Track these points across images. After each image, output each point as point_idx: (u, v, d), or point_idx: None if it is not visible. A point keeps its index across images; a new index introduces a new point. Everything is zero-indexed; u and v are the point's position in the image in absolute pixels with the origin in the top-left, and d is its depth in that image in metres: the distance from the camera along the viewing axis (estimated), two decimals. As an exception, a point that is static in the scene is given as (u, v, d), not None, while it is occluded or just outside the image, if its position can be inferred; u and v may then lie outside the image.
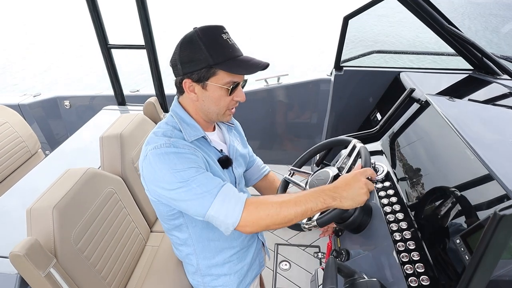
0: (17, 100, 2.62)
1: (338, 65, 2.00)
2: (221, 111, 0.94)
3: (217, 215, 0.84)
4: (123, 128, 1.51)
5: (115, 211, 1.35)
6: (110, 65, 2.10)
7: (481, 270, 0.54)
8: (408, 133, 1.32)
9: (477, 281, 0.55)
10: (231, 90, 0.90)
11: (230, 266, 1.13)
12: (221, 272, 1.13)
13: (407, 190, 1.15)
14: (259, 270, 1.26)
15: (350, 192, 0.84)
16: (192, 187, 0.84)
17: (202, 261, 1.12)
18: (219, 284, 1.15)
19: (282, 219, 0.83)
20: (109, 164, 1.47)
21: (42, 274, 0.97)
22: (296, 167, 1.25)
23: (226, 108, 0.94)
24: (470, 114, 1.23)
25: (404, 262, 0.94)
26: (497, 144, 1.03)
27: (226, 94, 0.90)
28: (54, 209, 1.07)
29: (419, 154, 1.22)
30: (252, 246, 1.19)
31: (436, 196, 1.04)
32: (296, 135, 2.56)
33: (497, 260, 0.53)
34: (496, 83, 1.57)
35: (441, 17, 1.59)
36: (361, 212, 1.13)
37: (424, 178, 1.12)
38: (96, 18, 1.92)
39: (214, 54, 0.84)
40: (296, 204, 0.83)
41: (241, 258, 1.15)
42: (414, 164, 1.20)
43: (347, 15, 1.80)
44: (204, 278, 1.15)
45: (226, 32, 0.88)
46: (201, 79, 0.88)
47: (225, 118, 0.98)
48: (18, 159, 2.09)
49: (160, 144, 0.88)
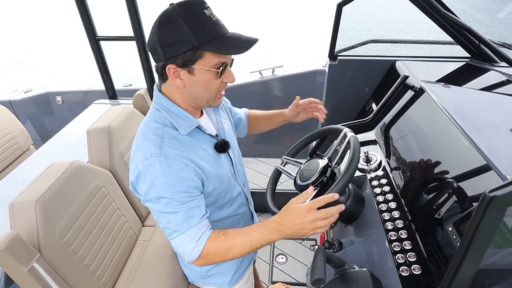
0: (7, 96, 2.58)
1: (332, 55, 1.96)
2: (212, 96, 0.87)
3: (177, 248, 0.87)
4: (111, 121, 1.48)
5: (103, 205, 1.32)
6: (100, 58, 2.06)
7: (471, 254, 0.51)
8: (402, 121, 1.29)
9: (467, 265, 0.52)
10: (220, 73, 0.83)
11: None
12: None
13: (400, 179, 1.12)
14: (253, 256, 1.26)
15: (293, 229, 0.80)
16: (168, 217, 0.83)
17: None
18: (216, 271, 1.13)
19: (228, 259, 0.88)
20: (97, 158, 1.44)
21: (25, 268, 0.95)
22: (289, 156, 1.22)
23: (216, 92, 0.87)
24: (465, 100, 1.20)
25: (395, 251, 0.92)
26: (493, 131, 0.99)
27: (216, 77, 0.83)
28: (37, 202, 1.05)
29: (413, 142, 1.18)
30: (245, 211, 1.15)
31: (430, 184, 1.01)
32: (292, 127, 2.52)
33: (487, 243, 0.50)
34: (493, 71, 1.53)
35: (437, 3, 1.55)
36: (353, 202, 1.10)
37: (417, 167, 1.09)
38: (83, 9, 1.88)
39: (198, 34, 0.76)
40: (241, 246, 0.84)
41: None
42: (407, 153, 1.17)
43: (341, 1, 1.75)
44: (202, 267, 1.12)
45: (208, 7, 0.79)
46: (186, 64, 0.79)
47: (215, 103, 0.91)
48: (9, 155, 2.06)
49: (150, 153, 0.81)
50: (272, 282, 1.91)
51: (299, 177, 1.07)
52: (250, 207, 1.17)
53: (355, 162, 0.92)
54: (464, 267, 0.52)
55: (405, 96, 1.33)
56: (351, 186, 1.12)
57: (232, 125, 1.14)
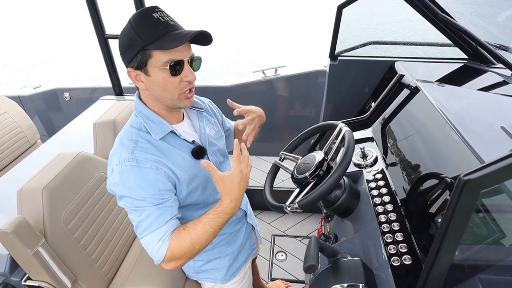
0: (17, 92, 2.65)
1: (333, 55, 2.00)
2: (174, 96, 0.87)
3: (146, 247, 0.88)
4: (116, 115, 1.53)
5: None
6: (108, 56, 2.12)
7: (450, 237, 0.54)
8: (398, 119, 1.32)
9: (447, 248, 0.55)
10: (174, 70, 0.83)
11: (220, 249, 1.14)
12: (212, 256, 1.14)
13: (395, 174, 1.15)
14: (250, 253, 1.26)
15: (238, 188, 0.85)
16: (140, 216, 0.86)
17: None
18: (209, 267, 1.16)
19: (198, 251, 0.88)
20: (102, 150, 1.49)
21: (30, 252, 0.99)
22: (286, 151, 1.26)
23: (177, 92, 0.87)
24: (459, 98, 1.23)
25: (388, 242, 0.94)
26: (484, 127, 1.02)
27: (169, 75, 0.83)
28: (44, 189, 1.09)
29: (408, 139, 1.21)
30: (241, 230, 1.20)
31: (423, 180, 1.04)
32: (294, 126, 2.56)
33: (464, 225, 0.53)
34: (490, 72, 1.56)
35: (434, 6, 1.58)
36: (349, 195, 1.13)
37: (412, 163, 1.12)
38: (92, 7, 1.94)
39: (143, 35, 0.80)
40: (204, 234, 0.86)
41: (231, 242, 1.16)
42: (402, 149, 1.20)
43: (341, 4, 1.79)
44: (195, 263, 1.16)
45: (158, 11, 0.82)
46: (140, 65, 0.83)
47: (182, 103, 0.90)
48: (17, 149, 2.12)
49: (123, 158, 0.86)
50: (272, 279, 1.93)
51: (296, 171, 1.10)
52: (241, 206, 1.17)
53: (349, 155, 0.95)
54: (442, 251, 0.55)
55: (401, 94, 1.36)
56: (347, 181, 1.15)
57: (222, 130, 1.16)
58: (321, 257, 0.90)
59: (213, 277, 1.17)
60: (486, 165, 0.50)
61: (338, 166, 0.94)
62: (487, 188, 0.51)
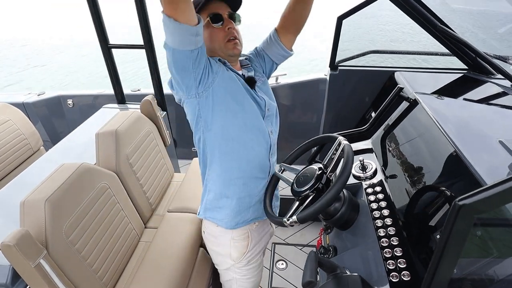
0: (21, 98, 2.69)
1: (333, 65, 2.01)
2: (221, 44, 1.04)
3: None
4: (119, 125, 1.54)
5: (108, 206, 1.38)
6: (111, 65, 2.15)
7: (445, 261, 0.54)
8: (397, 131, 1.33)
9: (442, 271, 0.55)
10: (215, 21, 1.01)
11: (235, 189, 1.14)
12: (224, 190, 1.14)
13: (394, 187, 1.15)
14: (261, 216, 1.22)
15: None
16: None
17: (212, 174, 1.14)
18: (218, 205, 1.17)
19: None
20: (104, 160, 1.50)
21: (32, 265, 1.00)
22: (286, 163, 1.27)
23: (223, 40, 1.03)
24: (458, 111, 1.23)
25: (387, 257, 0.94)
26: (482, 142, 1.02)
27: (212, 27, 1.02)
28: (46, 201, 1.11)
29: (407, 152, 1.22)
30: (262, 183, 1.18)
31: (422, 194, 1.04)
32: (294, 134, 2.57)
33: (460, 249, 0.53)
34: (490, 83, 1.56)
35: (433, 18, 1.59)
36: (348, 208, 1.13)
37: (411, 176, 1.12)
38: (97, 19, 1.97)
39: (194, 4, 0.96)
40: None
41: (247, 185, 1.15)
42: (402, 162, 1.20)
43: (341, 15, 1.81)
44: (209, 194, 1.18)
45: None
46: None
47: (229, 50, 1.05)
48: (20, 155, 2.14)
49: None
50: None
51: (296, 183, 1.11)
52: (270, 159, 1.20)
53: (348, 169, 0.96)
54: (439, 273, 0.56)
55: (400, 106, 1.37)
56: (347, 193, 1.16)
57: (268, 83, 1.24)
58: (320, 271, 0.90)
59: (220, 217, 1.17)
60: (481, 190, 0.50)
61: (337, 181, 0.95)
62: (482, 212, 0.52)
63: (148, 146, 1.76)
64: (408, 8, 1.62)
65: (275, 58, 1.24)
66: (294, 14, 1.13)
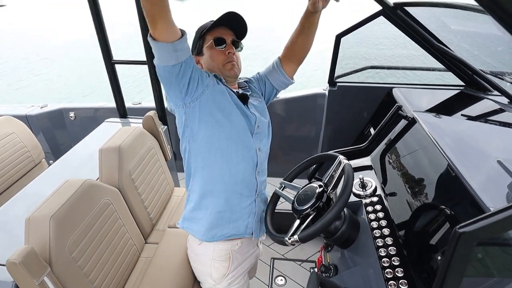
0: (25, 111, 2.71)
1: (332, 81, 2.05)
2: (219, 65, 1.11)
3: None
4: (122, 141, 1.56)
5: (110, 221, 1.38)
6: (114, 80, 2.18)
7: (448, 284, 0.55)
8: (396, 149, 1.35)
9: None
10: (218, 44, 1.09)
11: (214, 201, 1.14)
12: (203, 201, 1.15)
13: (394, 206, 1.17)
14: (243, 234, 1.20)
15: None
16: None
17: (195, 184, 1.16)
18: (195, 216, 1.18)
19: None
20: (107, 176, 1.51)
21: (36, 282, 1.01)
22: (287, 181, 1.28)
23: (221, 62, 1.10)
24: (456, 130, 1.26)
25: (388, 278, 0.95)
26: (481, 163, 1.05)
27: (214, 48, 1.10)
28: (51, 218, 1.12)
29: (406, 170, 1.24)
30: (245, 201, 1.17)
31: (422, 213, 1.06)
32: (293, 148, 2.59)
33: (461, 276, 0.55)
34: (487, 99, 1.59)
35: (429, 36, 1.64)
36: (349, 227, 1.14)
37: (410, 195, 1.14)
38: (101, 35, 2.01)
39: (201, 28, 1.13)
40: None
41: (228, 201, 1.14)
42: (401, 181, 1.22)
43: (339, 33, 1.85)
44: (189, 203, 1.20)
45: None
46: (198, 51, 1.14)
47: (226, 71, 1.11)
48: (22, 168, 2.15)
49: None
50: None
51: (297, 202, 1.13)
52: (257, 177, 1.17)
53: (349, 189, 0.98)
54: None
55: (399, 124, 1.39)
56: (347, 211, 1.17)
57: (264, 104, 1.26)
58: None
59: (196, 228, 1.19)
60: (481, 218, 0.52)
61: (338, 200, 0.97)
62: (483, 239, 0.53)
63: (150, 161, 1.78)
64: (404, 27, 1.67)
65: (276, 84, 1.28)
66: (297, 46, 1.20)
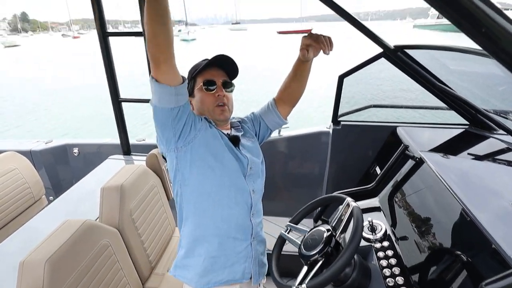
0: (29, 146, 2.73)
1: (335, 120, 2.07)
2: (210, 108, 1.10)
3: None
4: (124, 180, 1.54)
5: (108, 265, 1.32)
6: (120, 117, 2.23)
7: None
8: (404, 190, 1.32)
9: None
10: (208, 87, 1.09)
11: (208, 247, 1.10)
12: (194, 247, 1.11)
13: (407, 252, 1.11)
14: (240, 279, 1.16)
15: None
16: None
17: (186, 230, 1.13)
18: (186, 263, 1.13)
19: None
20: (107, 216, 1.47)
21: None
22: (292, 223, 1.24)
23: (212, 105, 1.10)
24: (465, 172, 1.23)
25: None
26: (495, 206, 1.01)
27: (204, 91, 1.10)
28: (46, 262, 1.07)
29: (417, 213, 1.19)
30: (239, 245, 1.14)
31: (435, 259, 1.00)
32: (297, 186, 2.55)
33: None
34: (492, 138, 1.58)
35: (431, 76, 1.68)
36: (359, 273, 1.08)
37: (423, 240, 1.09)
38: (110, 75, 2.09)
39: (193, 69, 1.14)
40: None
41: (222, 245, 1.11)
42: (411, 224, 1.17)
43: (342, 74, 1.91)
44: (181, 249, 1.15)
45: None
46: (190, 92, 1.12)
47: (216, 115, 1.11)
48: (22, 204, 2.12)
49: None
50: None
51: (304, 246, 1.07)
52: (252, 219, 1.15)
53: (359, 235, 0.94)
54: None
55: (406, 165, 1.37)
56: (357, 258, 1.11)
57: (257, 144, 1.25)
58: None
59: (189, 276, 1.12)
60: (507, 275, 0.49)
61: (348, 247, 0.92)
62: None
63: (152, 200, 1.74)
64: (406, 68, 1.71)
65: (270, 125, 1.29)
66: (290, 90, 1.23)
